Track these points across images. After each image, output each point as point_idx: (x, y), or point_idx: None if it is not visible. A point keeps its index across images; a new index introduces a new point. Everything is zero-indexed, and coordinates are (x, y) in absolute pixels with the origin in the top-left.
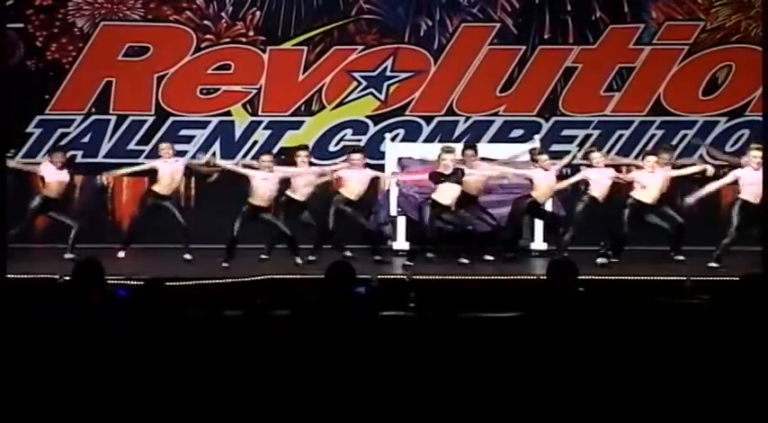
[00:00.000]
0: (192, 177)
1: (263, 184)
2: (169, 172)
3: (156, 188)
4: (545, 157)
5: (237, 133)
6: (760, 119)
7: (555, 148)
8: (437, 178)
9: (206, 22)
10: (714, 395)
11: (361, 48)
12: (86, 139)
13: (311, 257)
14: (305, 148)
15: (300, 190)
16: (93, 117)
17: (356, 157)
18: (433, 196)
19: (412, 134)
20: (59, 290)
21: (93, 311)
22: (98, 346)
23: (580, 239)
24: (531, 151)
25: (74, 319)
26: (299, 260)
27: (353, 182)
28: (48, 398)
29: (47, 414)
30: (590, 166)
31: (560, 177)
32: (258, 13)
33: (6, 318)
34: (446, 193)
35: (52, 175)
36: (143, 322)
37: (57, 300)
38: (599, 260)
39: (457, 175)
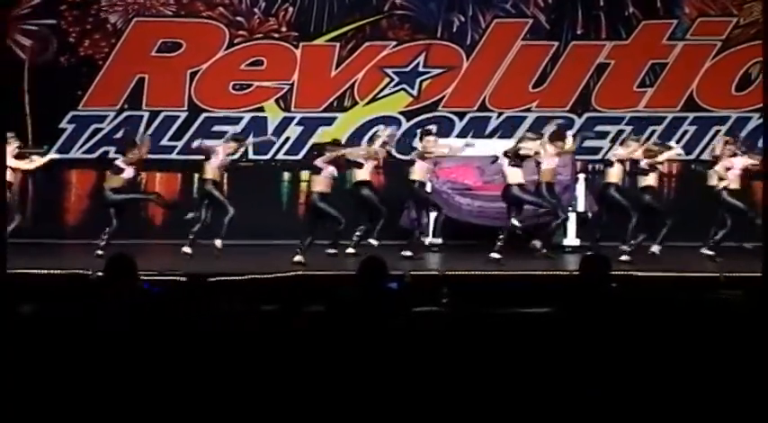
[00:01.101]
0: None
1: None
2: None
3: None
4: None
5: (270, 129)
6: None
7: (588, 143)
8: None
9: (239, 17)
10: (753, 391)
11: (393, 44)
12: (119, 135)
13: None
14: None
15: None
16: (126, 113)
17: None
18: None
19: (444, 130)
20: (92, 286)
21: (125, 307)
22: (130, 343)
23: (608, 235)
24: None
25: (104, 316)
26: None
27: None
28: (81, 394)
29: (83, 409)
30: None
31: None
32: (291, 9)
33: (37, 314)
34: None
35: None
36: (179, 318)
37: (89, 296)
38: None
39: None
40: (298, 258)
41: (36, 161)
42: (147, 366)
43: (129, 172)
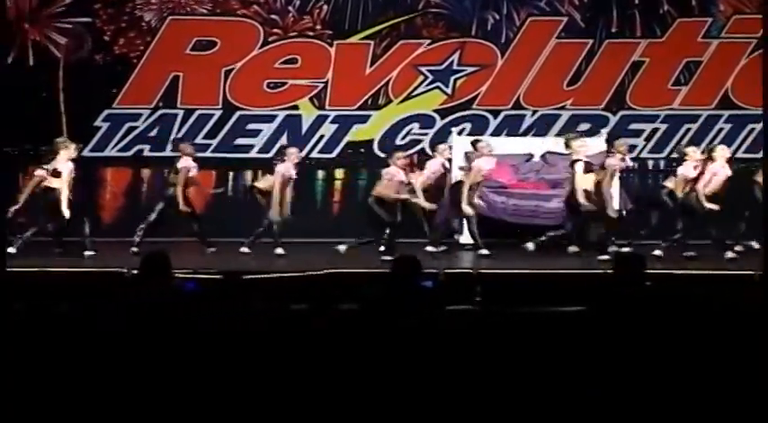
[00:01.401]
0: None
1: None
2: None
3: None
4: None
5: (304, 127)
6: None
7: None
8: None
9: (273, 16)
10: None
11: (427, 42)
12: (154, 133)
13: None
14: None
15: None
16: (161, 111)
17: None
18: None
19: (479, 128)
20: (127, 284)
21: (160, 305)
22: (165, 340)
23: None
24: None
25: (141, 313)
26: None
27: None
28: (114, 391)
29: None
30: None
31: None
32: (325, 7)
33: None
34: None
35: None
36: (213, 315)
37: (124, 294)
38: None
39: None
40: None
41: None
42: (179, 364)
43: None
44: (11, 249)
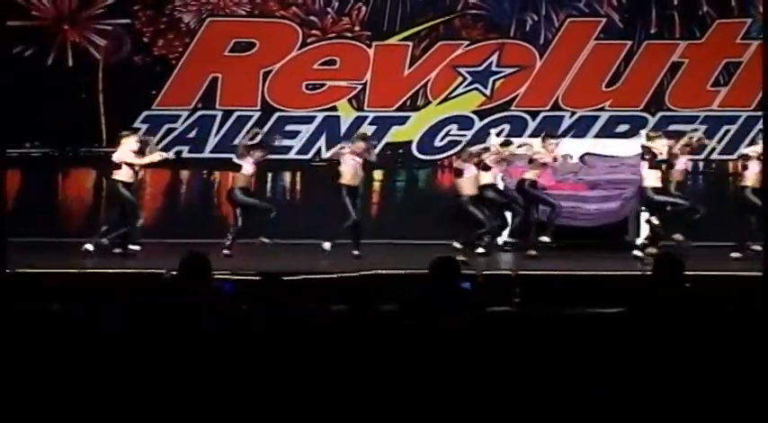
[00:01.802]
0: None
1: None
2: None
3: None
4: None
5: (343, 128)
6: None
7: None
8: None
9: (312, 17)
10: None
11: (466, 43)
12: (192, 135)
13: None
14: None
15: None
16: (200, 112)
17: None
18: None
19: (517, 129)
20: (165, 285)
21: (199, 306)
22: (203, 342)
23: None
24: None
25: (179, 315)
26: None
27: None
28: (159, 390)
29: (165, 405)
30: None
31: None
32: (364, 8)
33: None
34: None
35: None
36: (251, 317)
37: (162, 295)
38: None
39: None
40: (461, 258)
41: (150, 157)
42: (220, 365)
43: (248, 168)
44: (89, 246)
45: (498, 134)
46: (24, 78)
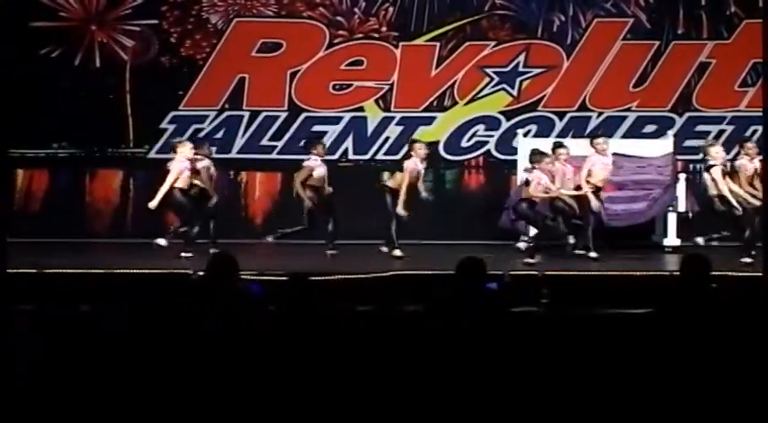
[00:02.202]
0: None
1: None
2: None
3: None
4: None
5: (370, 129)
6: None
7: (688, 143)
8: None
9: (339, 17)
10: None
11: (493, 43)
12: (220, 135)
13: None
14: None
15: None
16: (227, 113)
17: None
18: None
19: (544, 130)
20: (193, 285)
21: (227, 307)
22: (231, 342)
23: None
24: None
25: (207, 315)
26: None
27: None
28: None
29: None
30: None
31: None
32: (391, 8)
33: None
34: None
35: None
36: (278, 317)
37: (190, 295)
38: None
39: None
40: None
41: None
42: (247, 365)
43: (321, 170)
44: (161, 241)
45: (525, 135)
46: (52, 79)
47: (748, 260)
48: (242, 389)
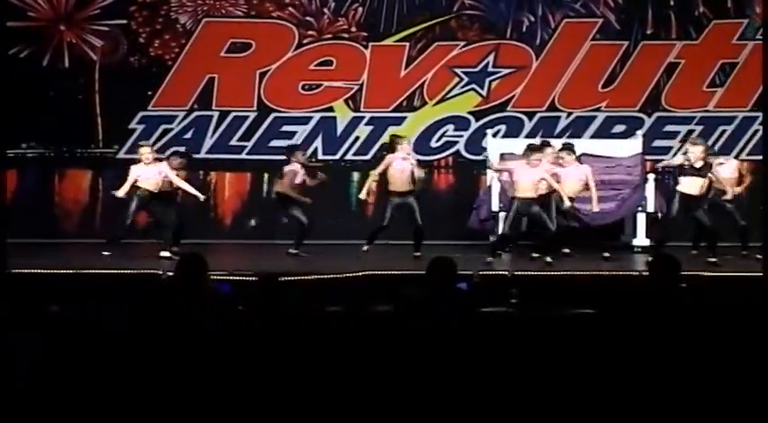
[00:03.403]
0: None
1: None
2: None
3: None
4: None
5: (339, 129)
6: None
7: (657, 143)
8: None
9: (308, 18)
10: None
11: (462, 43)
12: (189, 135)
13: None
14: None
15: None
16: (196, 113)
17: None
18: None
19: (513, 130)
20: (163, 286)
21: (196, 307)
22: (200, 342)
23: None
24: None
25: (177, 315)
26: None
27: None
28: (150, 395)
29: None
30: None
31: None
32: (360, 9)
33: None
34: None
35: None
36: (248, 317)
37: (160, 296)
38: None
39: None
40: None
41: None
42: (217, 365)
43: (301, 174)
44: (165, 253)
45: (494, 135)
46: (20, 79)
47: (713, 259)
48: (210, 388)
